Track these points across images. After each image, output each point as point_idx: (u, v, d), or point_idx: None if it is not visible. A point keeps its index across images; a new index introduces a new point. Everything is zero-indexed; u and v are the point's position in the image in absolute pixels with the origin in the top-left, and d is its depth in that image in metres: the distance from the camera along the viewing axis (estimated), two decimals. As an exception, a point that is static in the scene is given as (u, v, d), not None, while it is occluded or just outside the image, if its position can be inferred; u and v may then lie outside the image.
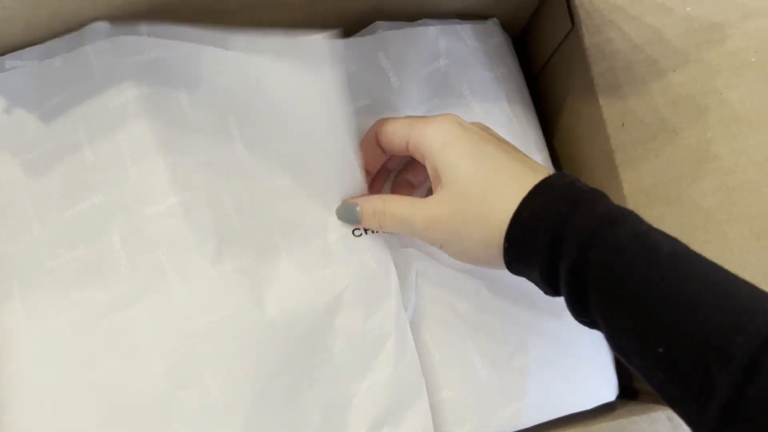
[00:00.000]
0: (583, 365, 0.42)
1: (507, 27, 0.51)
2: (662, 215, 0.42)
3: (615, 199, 0.44)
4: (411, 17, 0.47)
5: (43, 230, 0.37)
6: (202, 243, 0.37)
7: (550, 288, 0.33)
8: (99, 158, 0.38)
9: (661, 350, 0.27)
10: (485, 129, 0.38)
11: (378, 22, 0.46)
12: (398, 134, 0.38)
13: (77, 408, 0.34)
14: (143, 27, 0.38)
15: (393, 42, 0.45)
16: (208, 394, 0.35)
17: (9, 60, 0.38)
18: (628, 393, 0.44)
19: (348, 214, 0.39)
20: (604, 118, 0.44)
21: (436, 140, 0.36)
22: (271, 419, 0.36)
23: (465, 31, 0.48)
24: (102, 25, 0.38)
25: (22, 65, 0.38)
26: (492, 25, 0.49)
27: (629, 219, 0.31)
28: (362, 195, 0.40)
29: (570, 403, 0.42)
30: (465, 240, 0.35)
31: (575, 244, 0.31)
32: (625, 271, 0.29)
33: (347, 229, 0.40)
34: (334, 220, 0.40)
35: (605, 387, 0.43)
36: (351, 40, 0.45)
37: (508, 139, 0.39)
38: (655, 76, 0.42)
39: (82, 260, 0.36)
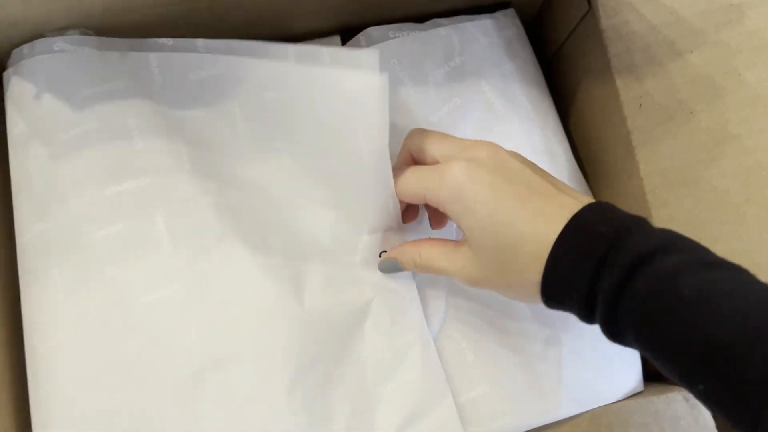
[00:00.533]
0: (612, 358, 0.43)
1: (522, 10, 0.51)
2: (679, 197, 0.42)
3: (631, 182, 0.44)
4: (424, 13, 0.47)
5: (80, 206, 0.38)
6: (247, 234, 0.38)
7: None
8: (150, 148, 0.39)
9: (701, 388, 0.27)
10: (507, 162, 0.35)
11: (369, 29, 0.46)
12: (412, 190, 0.37)
13: (112, 383, 0.35)
14: (200, 42, 0.41)
15: (404, 47, 0.46)
16: (242, 378, 0.36)
17: (59, 42, 0.39)
18: (645, 374, 0.44)
19: (391, 267, 0.40)
20: (620, 100, 0.44)
21: (450, 200, 0.35)
22: (302, 409, 0.36)
23: (476, 27, 0.48)
24: (166, 42, 0.41)
25: (73, 49, 0.39)
26: (502, 17, 0.49)
27: (662, 256, 0.29)
28: (397, 233, 0.41)
29: (601, 395, 0.42)
30: (504, 293, 0.36)
31: (608, 297, 0.30)
32: (659, 317, 0.28)
33: (374, 251, 0.41)
34: (364, 240, 0.41)
35: (633, 378, 0.43)
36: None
37: (529, 135, 0.38)
38: (672, 57, 0.42)
39: (121, 238, 0.37)
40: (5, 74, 0.41)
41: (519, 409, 0.40)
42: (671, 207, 0.42)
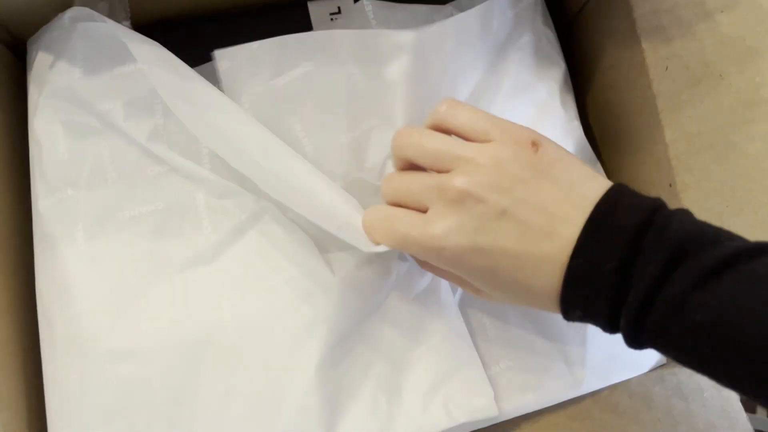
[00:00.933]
0: None
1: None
2: (706, 163, 0.40)
3: (656, 147, 0.43)
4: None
5: (118, 181, 0.38)
6: (278, 215, 0.39)
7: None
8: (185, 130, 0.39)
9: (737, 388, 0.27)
10: (507, 175, 0.32)
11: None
12: (380, 237, 0.35)
13: (139, 351, 0.36)
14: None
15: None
16: (276, 351, 0.36)
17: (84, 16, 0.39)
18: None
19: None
20: (646, 63, 0.42)
21: (438, 256, 0.33)
22: (331, 379, 0.37)
23: (494, 5, 0.45)
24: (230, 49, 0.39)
25: (103, 25, 0.39)
26: None
27: (672, 275, 0.28)
28: None
29: (624, 368, 0.42)
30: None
31: (626, 331, 0.29)
32: (677, 343, 0.28)
33: None
34: None
35: (655, 351, 0.43)
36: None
37: (545, 112, 0.37)
38: (701, 18, 0.40)
39: (160, 216, 0.38)
40: (30, 46, 0.41)
41: (542, 385, 0.40)
42: (697, 173, 0.41)
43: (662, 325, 0.28)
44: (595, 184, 0.31)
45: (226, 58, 0.38)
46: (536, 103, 0.45)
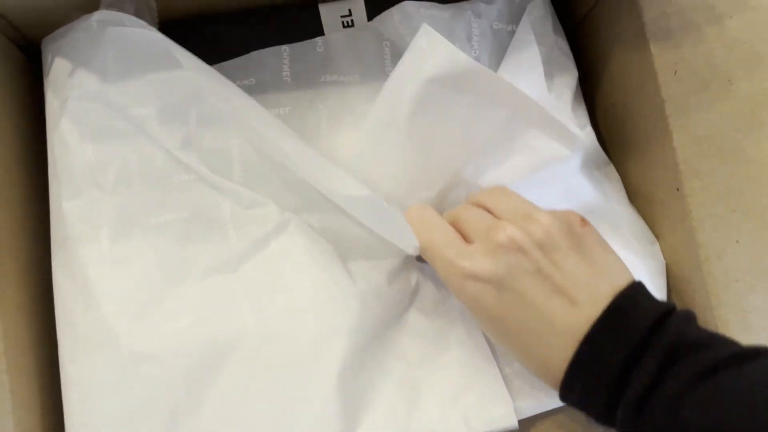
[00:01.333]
0: None
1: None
2: (714, 167, 0.41)
3: (664, 151, 0.43)
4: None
5: (144, 187, 0.38)
6: (303, 226, 0.39)
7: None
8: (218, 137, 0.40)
9: None
10: (525, 263, 0.33)
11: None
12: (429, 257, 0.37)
13: (161, 354, 0.36)
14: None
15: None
16: (297, 354, 0.37)
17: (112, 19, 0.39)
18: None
19: None
20: (654, 67, 0.42)
21: (460, 287, 0.35)
22: (349, 390, 0.37)
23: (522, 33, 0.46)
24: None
25: (129, 29, 0.39)
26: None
27: (664, 378, 0.29)
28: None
29: None
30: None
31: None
32: None
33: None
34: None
35: None
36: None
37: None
38: (710, 22, 0.41)
39: (186, 223, 0.38)
40: (47, 46, 0.41)
41: None
42: (705, 177, 0.41)
43: (657, 423, 0.29)
44: (623, 276, 0.34)
45: None
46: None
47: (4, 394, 0.34)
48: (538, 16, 0.47)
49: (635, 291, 0.33)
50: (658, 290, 0.43)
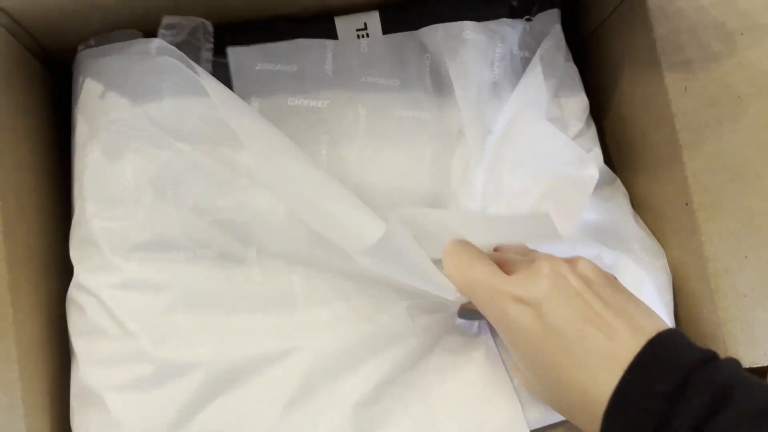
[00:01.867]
0: None
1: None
2: (724, 183, 0.41)
3: (673, 167, 0.43)
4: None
5: (176, 219, 0.38)
6: (328, 270, 0.40)
7: None
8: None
9: None
10: (553, 313, 0.33)
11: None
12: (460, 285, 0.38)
13: (180, 371, 0.36)
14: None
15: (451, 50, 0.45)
16: (315, 382, 0.37)
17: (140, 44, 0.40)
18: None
19: (473, 315, 0.40)
20: (665, 82, 0.42)
21: (502, 313, 0.35)
22: (368, 417, 0.38)
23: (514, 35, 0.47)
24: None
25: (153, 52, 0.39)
26: (543, 23, 0.48)
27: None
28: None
29: None
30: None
31: None
32: None
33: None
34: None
35: None
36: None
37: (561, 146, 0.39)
38: (720, 39, 0.41)
39: (213, 256, 0.39)
40: (87, 61, 0.41)
41: None
42: (714, 192, 0.41)
43: None
44: (659, 318, 0.34)
45: None
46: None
47: (16, 401, 0.35)
48: (550, 45, 0.47)
49: (677, 332, 0.32)
50: (665, 305, 0.44)
